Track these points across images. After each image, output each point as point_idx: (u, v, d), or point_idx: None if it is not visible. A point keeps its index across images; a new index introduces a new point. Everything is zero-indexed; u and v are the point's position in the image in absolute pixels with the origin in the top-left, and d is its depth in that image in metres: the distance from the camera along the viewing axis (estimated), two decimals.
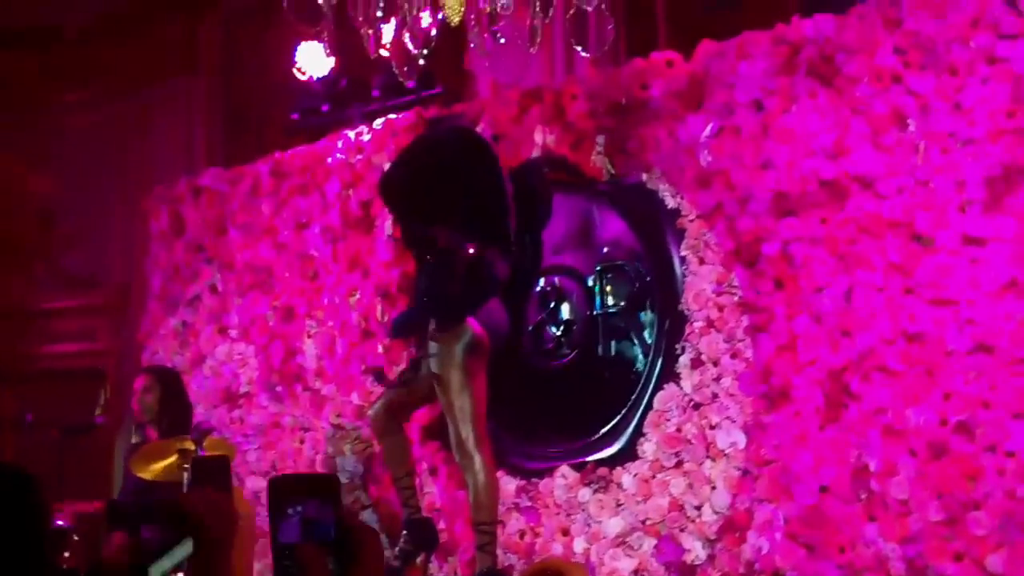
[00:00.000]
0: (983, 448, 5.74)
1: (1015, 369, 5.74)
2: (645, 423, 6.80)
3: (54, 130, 10.74)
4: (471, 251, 6.16)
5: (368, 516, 7.69)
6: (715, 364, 6.62)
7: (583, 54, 6.25)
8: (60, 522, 7.06)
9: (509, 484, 7.08)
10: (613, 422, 6.98)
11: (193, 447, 6.46)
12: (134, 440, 7.72)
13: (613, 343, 7.15)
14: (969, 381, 5.84)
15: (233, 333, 8.93)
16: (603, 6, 5.85)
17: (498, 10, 5.80)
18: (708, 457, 6.56)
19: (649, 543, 6.64)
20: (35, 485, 2.65)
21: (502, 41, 6.15)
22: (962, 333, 5.88)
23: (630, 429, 6.88)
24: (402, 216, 6.81)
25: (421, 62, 6.10)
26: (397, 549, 6.58)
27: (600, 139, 7.21)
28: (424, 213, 6.40)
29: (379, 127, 8.30)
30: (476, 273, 6.17)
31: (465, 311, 6.25)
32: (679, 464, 6.66)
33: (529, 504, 7.16)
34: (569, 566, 2.01)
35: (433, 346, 6.24)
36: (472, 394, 6.11)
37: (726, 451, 6.49)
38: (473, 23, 5.95)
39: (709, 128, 6.77)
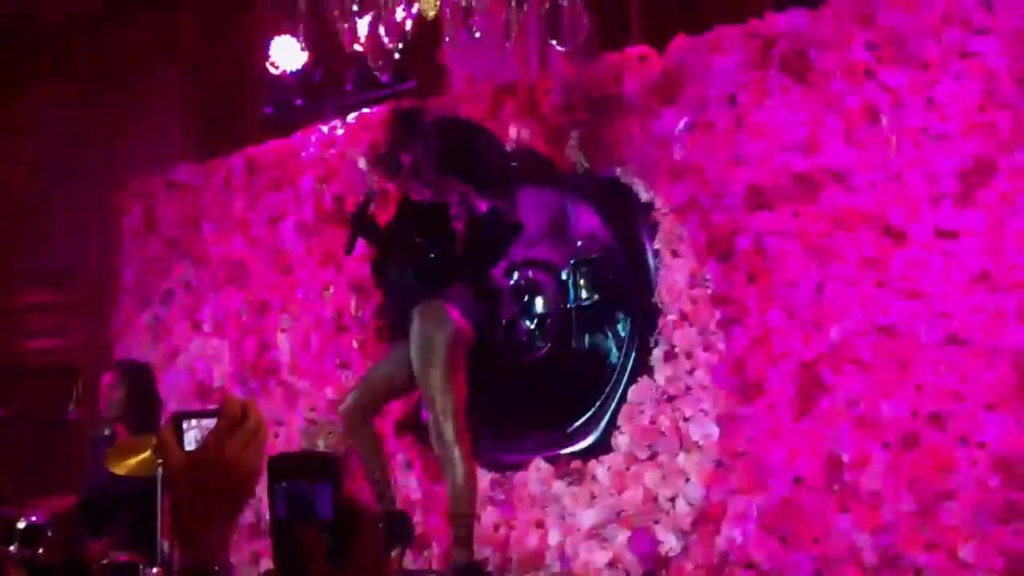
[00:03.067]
0: (955, 439, 5.79)
1: (987, 361, 5.78)
2: (619, 416, 6.82)
3: (29, 123, 10.68)
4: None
5: None
6: (688, 357, 6.65)
7: (558, 48, 6.26)
8: (34, 518, 7.00)
9: (484, 477, 7.07)
10: (587, 415, 7.00)
11: None
12: (106, 434, 7.69)
13: (587, 336, 7.17)
14: (941, 373, 5.88)
15: (206, 328, 8.91)
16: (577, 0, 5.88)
17: (473, 4, 5.81)
18: (682, 449, 6.58)
19: (623, 535, 6.65)
20: None
21: (477, 35, 6.16)
22: (934, 325, 5.93)
23: (604, 422, 6.90)
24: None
25: (396, 56, 6.10)
26: None
27: (574, 133, 7.22)
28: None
29: (353, 121, 8.31)
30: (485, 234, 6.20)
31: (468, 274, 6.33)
32: (653, 456, 6.68)
33: (503, 497, 7.17)
34: None
35: (416, 324, 6.22)
36: (454, 388, 6.11)
37: (700, 443, 6.51)
38: (448, 17, 5.95)
39: (683, 122, 6.80)
